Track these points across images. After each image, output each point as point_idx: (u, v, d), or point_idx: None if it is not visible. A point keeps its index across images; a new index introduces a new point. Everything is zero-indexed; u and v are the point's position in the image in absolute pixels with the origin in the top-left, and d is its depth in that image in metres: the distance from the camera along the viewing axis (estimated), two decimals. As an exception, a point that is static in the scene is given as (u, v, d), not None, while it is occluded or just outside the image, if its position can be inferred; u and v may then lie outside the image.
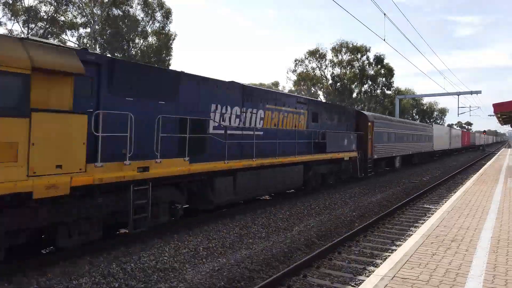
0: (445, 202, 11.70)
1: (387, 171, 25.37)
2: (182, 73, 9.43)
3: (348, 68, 54.80)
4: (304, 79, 55.36)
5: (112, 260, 7.05)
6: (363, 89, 56.38)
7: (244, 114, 11.25)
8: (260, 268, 7.59)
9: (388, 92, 57.50)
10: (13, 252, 7.17)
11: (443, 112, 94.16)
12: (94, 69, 7.33)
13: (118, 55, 35.97)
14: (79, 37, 36.42)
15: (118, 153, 7.36)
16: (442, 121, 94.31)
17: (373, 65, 55.61)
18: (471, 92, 38.42)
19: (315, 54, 55.26)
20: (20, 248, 7.37)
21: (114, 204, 7.50)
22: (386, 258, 8.17)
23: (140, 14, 37.71)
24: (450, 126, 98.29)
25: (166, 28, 39.08)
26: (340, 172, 17.40)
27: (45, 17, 33.49)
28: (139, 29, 37.41)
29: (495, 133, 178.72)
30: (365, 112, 20.81)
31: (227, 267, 7.47)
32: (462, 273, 5.04)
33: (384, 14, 17.44)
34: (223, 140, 10.05)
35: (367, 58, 55.29)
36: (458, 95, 39.68)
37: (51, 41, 9.74)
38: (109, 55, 36.04)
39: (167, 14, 38.80)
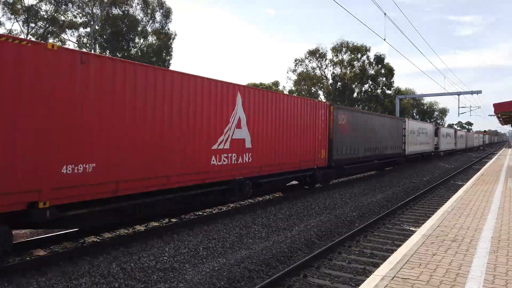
0: (446, 202, 11.69)
1: (387, 172, 25.30)
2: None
3: (348, 67, 54.76)
4: (305, 79, 55.31)
5: (112, 260, 7.04)
6: (363, 89, 56.34)
7: None
8: (260, 268, 7.59)
9: (389, 92, 57.45)
10: (13, 252, 7.17)
11: (443, 112, 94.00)
12: None
13: (118, 55, 35.95)
14: (79, 37, 36.43)
15: None
16: (442, 121, 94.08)
17: (374, 64, 55.57)
18: (472, 92, 38.37)
19: (315, 53, 55.22)
20: (19, 248, 7.37)
21: None
22: (386, 258, 8.16)
23: (140, 14, 37.70)
24: (450, 126, 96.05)
25: (166, 27, 39.06)
26: None
27: (45, 16, 33.48)
28: (139, 28, 37.38)
29: (495, 133, 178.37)
30: None
31: (227, 267, 7.47)
32: (462, 273, 5.03)
33: (385, 14, 17.42)
34: None
35: (368, 57, 55.29)
36: (459, 95, 39.62)
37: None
38: (109, 55, 36.01)
39: (167, 13, 38.78)
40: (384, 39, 19.36)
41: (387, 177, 22.34)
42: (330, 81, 55.38)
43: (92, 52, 33.30)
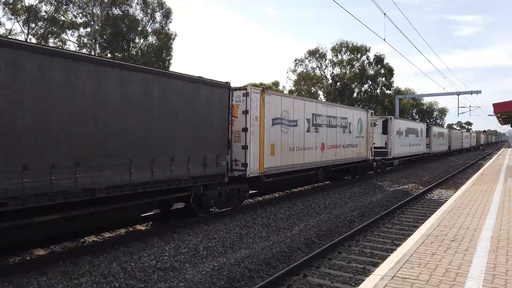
0: (445, 202, 11.71)
1: (388, 171, 25.26)
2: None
3: (348, 68, 54.81)
4: (304, 79, 55.34)
5: (113, 260, 7.06)
6: (363, 89, 56.40)
7: None
8: (260, 267, 7.60)
9: (388, 92, 57.48)
10: (13, 252, 7.18)
11: (443, 112, 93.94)
12: None
13: (118, 55, 35.97)
14: (79, 37, 36.45)
15: None
16: (442, 121, 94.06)
17: (373, 65, 55.63)
18: (471, 92, 38.37)
19: (315, 54, 55.26)
20: (20, 247, 7.38)
21: None
22: (386, 257, 8.18)
23: (140, 14, 37.74)
24: (450, 126, 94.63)
25: (166, 27, 39.10)
26: None
27: (46, 16, 33.49)
28: (139, 28, 37.42)
29: (495, 133, 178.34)
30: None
31: (227, 267, 7.48)
32: (462, 272, 5.04)
33: (384, 14, 17.45)
34: None
35: (367, 58, 55.35)
36: (458, 95, 39.62)
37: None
38: (109, 55, 36.08)
39: (167, 13, 38.81)
40: (384, 39, 19.40)
41: (387, 176, 22.21)
42: (330, 81, 55.42)
43: (93, 52, 33.34)
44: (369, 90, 56.33)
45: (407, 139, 27.08)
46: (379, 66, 55.64)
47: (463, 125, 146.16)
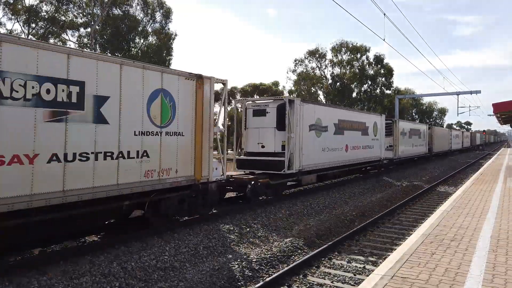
0: (445, 201, 11.72)
1: (389, 170, 25.22)
2: None
3: (347, 68, 54.79)
4: (304, 79, 55.32)
5: (113, 259, 7.07)
6: (362, 89, 56.38)
7: None
8: (260, 267, 7.62)
9: (388, 92, 57.48)
10: (14, 251, 7.19)
11: (442, 112, 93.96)
12: None
13: (118, 55, 35.97)
14: (79, 37, 36.45)
15: None
16: (441, 121, 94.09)
17: (373, 65, 55.60)
18: (471, 92, 38.34)
19: (315, 54, 55.23)
20: (20, 247, 7.39)
21: None
22: (386, 257, 8.19)
23: (140, 14, 37.75)
24: (450, 126, 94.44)
25: (166, 27, 39.10)
26: None
27: (46, 16, 33.48)
28: (139, 28, 37.43)
29: (494, 133, 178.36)
30: None
31: (227, 266, 7.49)
32: (461, 272, 5.05)
33: (384, 14, 17.48)
34: None
35: (367, 58, 55.33)
36: (458, 95, 39.58)
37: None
38: (109, 55, 36.09)
39: (167, 13, 38.81)
40: (384, 39, 19.43)
41: (387, 176, 22.24)
42: (330, 81, 55.40)
43: (93, 52, 33.33)
44: (368, 90, 56.30)
45: (340, 138, 16.47)
46: (379, 66, 55.62)
47: (463, 125, 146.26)
